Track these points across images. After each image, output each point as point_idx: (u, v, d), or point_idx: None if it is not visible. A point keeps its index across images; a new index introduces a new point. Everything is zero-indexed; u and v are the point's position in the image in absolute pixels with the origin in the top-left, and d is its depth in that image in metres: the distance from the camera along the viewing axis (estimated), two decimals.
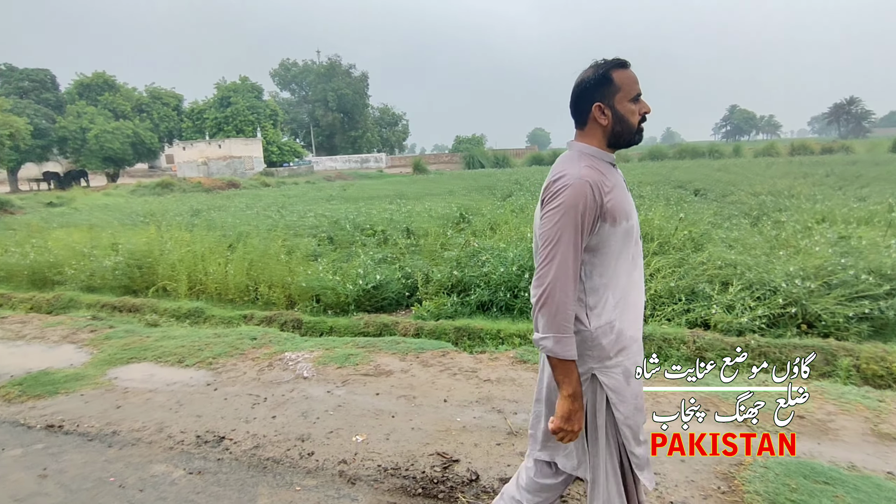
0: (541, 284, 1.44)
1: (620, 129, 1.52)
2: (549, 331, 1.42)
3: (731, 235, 7.49)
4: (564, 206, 1.41)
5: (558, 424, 1.47)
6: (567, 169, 1.47)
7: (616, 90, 1.49)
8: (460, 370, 3.58)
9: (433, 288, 6.37)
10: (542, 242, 1.45)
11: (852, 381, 3.86)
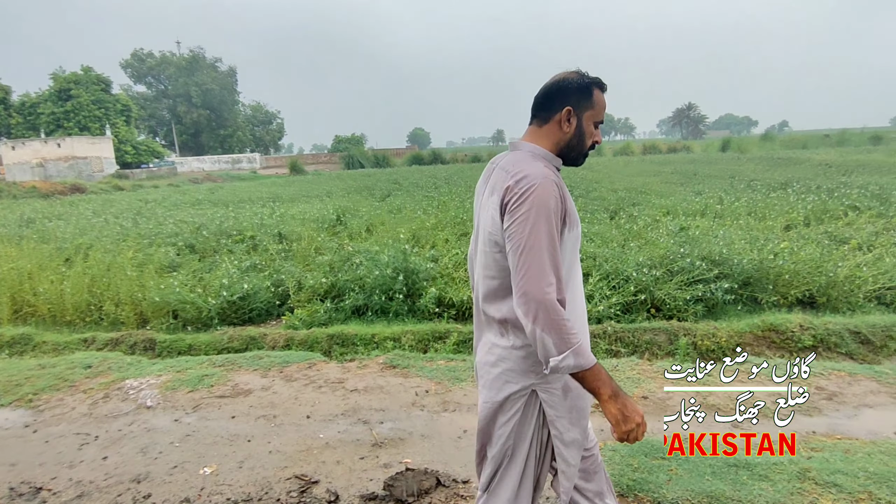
0: (530, 299, 1.28)
1: (576, 144, 1.47)
2: (565, 346, 1.26)
3: (593, 230, 8.04)
4: (536, 209, 1.30)
5: (621, 429, 1.34)
6: (526, 168, 1.36)
7: (590, 106, 1.45)
8: (326, 382, 3.41)
9: (306, 295, 6.08)
10: (518, 253, 1.30)
11: (690, 357, 4.30)
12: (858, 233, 7.19)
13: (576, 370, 1.28)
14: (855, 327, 4.50)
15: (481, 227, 1.47)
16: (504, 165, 1.42)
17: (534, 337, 1.28)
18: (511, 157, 1.44)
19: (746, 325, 4.73)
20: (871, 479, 2.12)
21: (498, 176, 1.41)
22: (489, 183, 1.46)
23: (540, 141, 1.46)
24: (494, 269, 1.42)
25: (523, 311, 1.28)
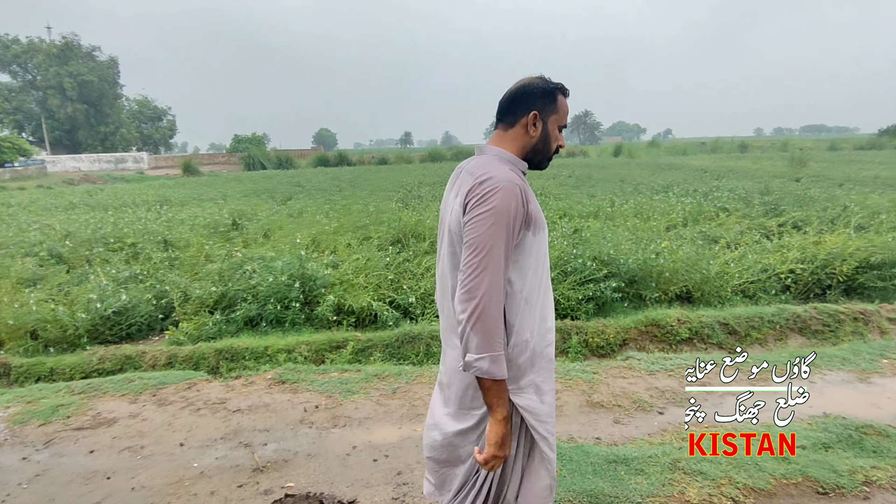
0: (472, 297, 1.27)
1: (542, 148, 1.47)
2: (485, 350, 1.27)
3: None
4: (496, 211, 1.28)
5: (493, 452, 1.32)
6: (492, 171, 1.34)
7: (554, 111, 1.46)
8: (206, 404, 3.13)
9: (193, 307, 5.63)
10: (470, 250, 1.29)
11: (582, 354, 4.47)
12: (727, 232, 7.92)
13: (486, 376, 1.28)
14: (724, 319, 4.91)
15: (447, 231, 1.44)
16: (470, 169, 1.41)
17: (462, 333, 1.28)
18: (477, 161, 1.44)
19: (632, 321, 5.01)
20: (732, 464, 2.28)
21: (464, 179, 1.40)
22: (455, 186, 1.45)
23: (506, 145, 1.46)
24: (459, 272, 1.39)
25: (462, 308, 1.28)
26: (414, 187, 16.56)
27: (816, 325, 5.03)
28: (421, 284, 5.80)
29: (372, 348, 4.49)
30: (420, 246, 7.27)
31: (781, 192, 11.93)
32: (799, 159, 23.56)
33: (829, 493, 2.13)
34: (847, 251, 6.45)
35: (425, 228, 8.00)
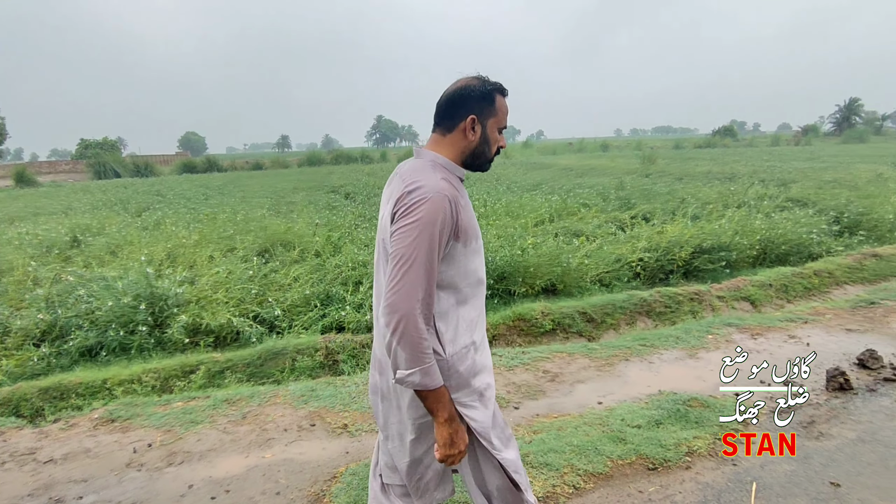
0: (395, 311, 1.23)
1: (481, 152, 1.44)
2: (414, 364, 1.25)
3: (368, 236, 8.06)
4: (422, 223, 1.24)
5: (444, 452, 1.34)
6: (422, 180, 1.30)
7: (493, 113, 1.42)
8: (12, 456, 2.65)
9: (15, 340, 4.86)
10: (394, 263, 1.26)
11: None
12: (587, 226, 8.51)
13: (420, 388, 1.28)
14: (583, 308, 5.21)
15: (380, 236, 1.41)
16: (403, 174, 1.38)
17: (389, 347, 1.26)
18: (411, 166, 1.40)
19: (500, 317, 5.14)
20: (575, 451, 2.38)
21: (396, 183, 1.37)
22: (388, 192, 1.42)
23: (443, 149, 1.42)
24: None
25: (385, 322, 1.25)
26: (287, 193, 15.88)
27: (660, 308, 5.52)
28: (288, 295, 5.50)
29: (230, 370, 4.15)
30: (288, 255, 6.93)
31: (633, 187, 13.14)
32: (649, 157, 26.17)
33: (658, 468, 2.30)
34: (684, 239, 7.22)
35: (294, 236, 7.65)
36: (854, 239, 8.42)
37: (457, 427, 1.35)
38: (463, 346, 1.40)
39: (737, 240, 7.36)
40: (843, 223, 8.98)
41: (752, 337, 3.97)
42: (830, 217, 9.07)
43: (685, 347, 3.78)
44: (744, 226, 7.88)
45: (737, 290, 6.00)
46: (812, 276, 6.55)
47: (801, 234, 7.74)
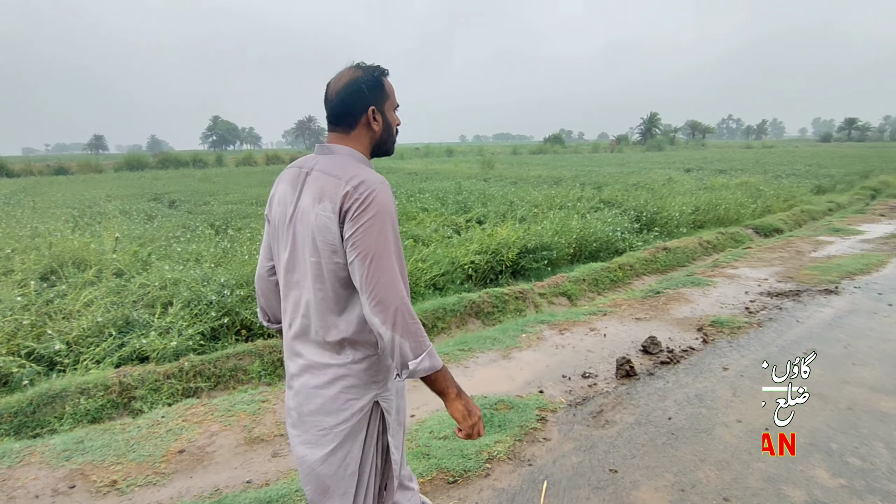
0: (387, 306, 1.23)
1: (387, 137, 1.45)
2: (420, 349, 1.25)
3: (190, 248, 7.29)
4: (381, 215, 1.26)
5: (467, 424, 1.33)
6: (361, 173, 1.29)
7: (387, 97, 1.42)
8: None
9: None
10: (368, 260, 1.23)
11: (270, 375, 4.16)
12: (424, 230, 8.63)
13: (430, 372, 1.27)
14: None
15: (308, 238, 1.31)
16: (326, 170, 1.32)
17: (392, 344, 1.23)
18: (332, 161, 1.35)
19: None
20: None
21: (324, 181, 1.30)
22: (307, 188, 1.34)
23: (353, 144, 1.40)
24: (330, 281, 1.32)
25: (381, 319, 1.23)
26: (98, 202, 13.83)
27: (488, 308, 5.73)
28: (76, 324, 4.68)
29: None
30: (81, 276, 5.94)
31: (471, 191, 13.75)
32: (488, 162, 27.73)
33: (458, 481, 2.30)
34: (511, 240, 7.65)
35: (92, 253, 6.60)
36: (650, 235, 9.68)
37: (466, 398, 1.35)
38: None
39: (556, 239, 8.01)
40: (642, 221, 10.28)
41: (560, 332, 4.28)
42: (632, 216, 10.34)
43: (500, 348, 3.94)
44: (563, 226, 8.61)
45: (556, 286, 6.49)
46: (617, 269, 7.35)
47: (608, 233, 8.68)
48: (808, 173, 19.92)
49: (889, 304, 4.73)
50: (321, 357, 1.37)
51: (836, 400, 3.02)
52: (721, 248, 8.75)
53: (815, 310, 4.63)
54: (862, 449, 2.54)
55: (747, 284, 5.56)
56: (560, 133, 76.07)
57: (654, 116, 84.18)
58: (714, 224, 11.07)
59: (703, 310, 4.73)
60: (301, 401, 1.40)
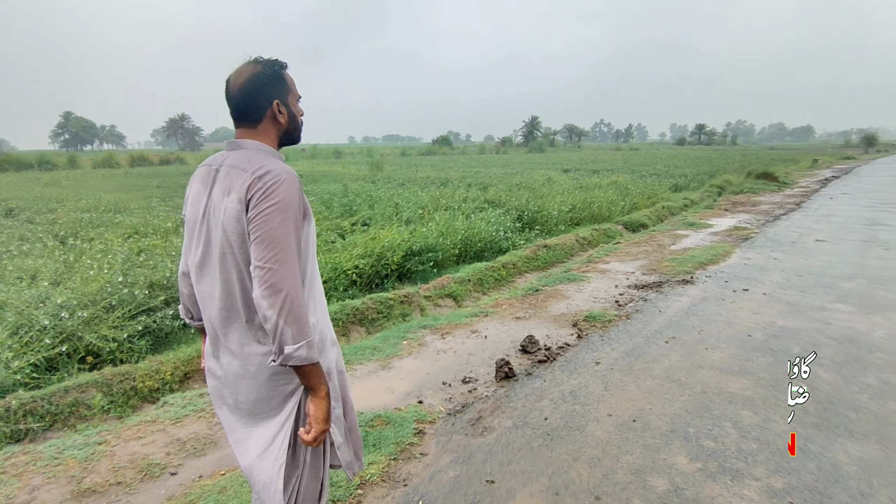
0: (278, 291, 1.25)
1: (293, 129, 1.49)
2: (301, 338, 1.27)
3: (26, 264, 6.27)
4: (283, 203, 1.27)
5: (322, 427, 1.34)
6: (268, 164, 1.33)
7: (289, 90, 1.46)
8: None
9: None
10: (265, 245, 1.25)
11: (119, 407, 3.65)
12: None
13: (305, 363, 1.29)
14: None
15: (219, 232, 1.34)
16: (236, 164, 1.35)
17: (275, 328, 1.25)
18: (241, 155, 1.38)
19: (195, 349, 4.45)
20: None
21: (233, 175, 1.33)
22: (218, 184, 1.36)
23: (260, 138, 1.43)
24: (243, 272, 1.34)
25: (269, 303, 1.24)
26: None
27: (373, 315, 5.53)
28: None
29: None
30: None
31: (358, 193, 13.42)
32: (377, 164, 27.42)
33: None
34: (396, 243, 7.51)
35: None
36: (532, 233, 10.05)
37: (332, 403, 1.42)
38: (314, 322, 1.42)
39: (442, 241, 8.01)
40: (524, 220, 10.65)
41: (442, 337, 4.21)
42: (515, 215, 10.68)
43: (380, 358, 3.77)
44: (448, 227, 8.65)
45: (442, 288, 6.46)
46: (501, 268, 7.51)
47: (491, 233, 8.87)
48: (667, 173, 22.03)
49: (734, 291, 5.26)
50: (246, 346, 1.40)
51: (692, 385, 3.24)
52: (595, 244, 9.31)
53: (674, 299, 5.02)
54: (714, 430, 2.72)
55: (617, 278, 5.91)
56: (448, 135, 77.55)
57: (535, 120, 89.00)
58: (589, 221, 11.79)
59: (578, 305, 4.92)
60: (234, 391, 1.44)
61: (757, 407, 2.95)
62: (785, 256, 6.84)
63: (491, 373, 3.49)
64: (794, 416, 2.80)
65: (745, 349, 3.78)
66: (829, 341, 3.94)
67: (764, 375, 3.35)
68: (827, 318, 4.45)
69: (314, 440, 1.34)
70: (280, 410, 1.41)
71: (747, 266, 6.33)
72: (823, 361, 3.57)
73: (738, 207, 12.19)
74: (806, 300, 4.94)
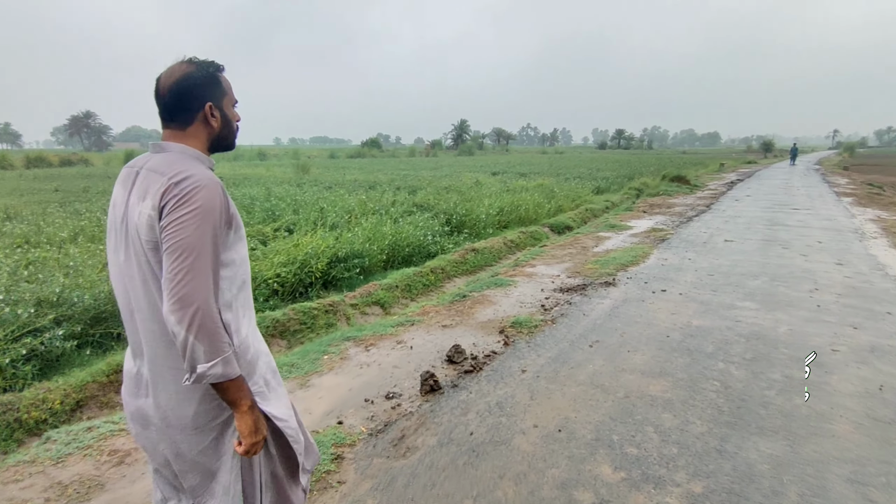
0: (188, 304, 1.18)
1: (226, 133, 1.44)
2: (215, 355, 1.21)
3: None
4: (202, 211, 1.21)
5: (250, 441, 1.32)
6: (188, 169, 1.26)
7: (224, 93, 1.41)
8: None
9: None
10: (176, 255, 1.18)
11: (16, 437, 3.16)
12: None
13: (222, 379, 1.24)
14: None
15: (135, 238, 1.27)
16: (155, 168, 1.28)
17: (184, 345, 1.18)
18: (162, 159, 1.31)
19: (89, 374, 4.00)
20: None
21: (150, 179, 1.27)
22: (136, 187, 1.29)
23: (189, 141, 1.37)
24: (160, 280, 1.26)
25: (177, 318, 1.17)
26: None
27: (295, 326, 5.24)
28: None
29: None
30: None
31: (282, 197, 12.87)
32: (303, 166, 26.62)
33: None
34: (321, 249, 7.22)
35: None
36: (461, 236, 10.03)
37: (258, 413, 1.34)
38: (245, 334, 1.40)
39: (368, 246, 7.79)
40: (452, 224, 10.62)
41: (366, 349, 4.02)
42: (443, 219, 10.63)
43: (298, 375, 3.53)
44: (375, 232, 8.43)
45: (368, 295, 6.25)
46: (430, 273, 7.40)
47: (419, 237, 8.75)
48: (590, 176, 22.89)
49: (653, 292, 5.44)
50: (173, 361, 1.31)
51: (615, 389, 3.26)
52: (523, 247, 9.42)
53: (597, 302, 5.11)
54: (637, 436, 2.73)
55: (543, 282, 5.96)
56: (377, 137, 76.86)
57: (464, 123, 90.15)
58: (517, 223, 11.96)
59: (504, 311, 4.89)
60: (164, 410, 1.34)
61: (676, 409, 3.01)
62: (698, 256, 7.20)
63: (416, 386, 3.35)
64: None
65: (664, 350, 3.88)
66: (739, 339, 4.13)
67: (682, 376, 3.43)
68: (736, 315, 4.68)
69: (247, 453, 1.33)
70: (223, 415, 1.37)
71: (664, 267, 6.59)
72: (734, 359, 3.73)
73: (655, 209, 12.81)
74: (717, 299, 5.18)
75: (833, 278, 6.01)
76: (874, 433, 2.78)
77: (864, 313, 4.76)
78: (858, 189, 17.89)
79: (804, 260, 6.97)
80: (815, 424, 2.86)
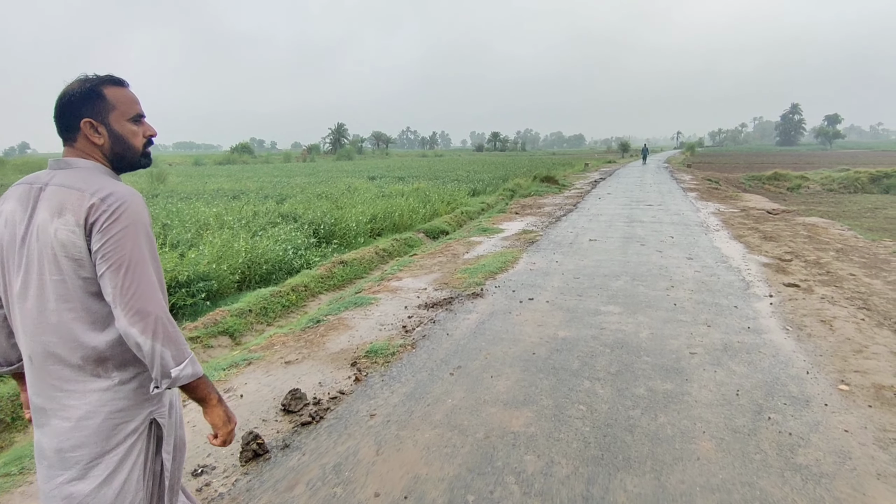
0: (147, 314, 1.21)
1: (121, 151, 1.37)
2: (182, 357, 1.26)
3: None
4: (133, 225, 1.23)
5: (226, 430, 1.36)
6: (108, 185, 1.25)
7: (111, 108, 1.34)
8: None
9: None
10: (123, 271, 1.19)
11: None
12: None
13: (192, 379, 1.28)
14: None
15: (46, 256, 1.22)
16: (66, 183, 1.25)
17: (152, 354, 1.21)
18: (73, 175, 1.28)
19: None
20: None
21: (63, 194, 1.23)
22: (43, 204, 1.24)
23: (87, 157, 1.33)
24: (80, 299, 1.24)
25: (140, 329, 1.20)
26: None
27: None
28: None
29: None
30: None
31: None
32: (159, 175, 23.99)
33: None
34: None
35: None
36: (329, 248, 9.32)
37: (225, 405, 1.37)
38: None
39: (217, 266, 6.84)
40: (320, 234, 9.86)
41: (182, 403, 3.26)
42: (311, 230, 9.83)
43: None
44: (227, 250, 7.46)
45: (215, 324, 5.38)
46: (290, 292, 6.64)
47: (279, 252, 7.92)
48: (467, 178, 23.12)
49: (520, 302, 5.21)
50: (78, 385, 1.26)
51: (475, 429, 2.85)
52: (396, 255, 8.93)
53: (462, 318, 4.74)
54: (496, 492, 2.33)
55: (408, 297, 5.50)
56: (250, 142, 72.43)
57: (342, 127, 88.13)
58: (391, 231, 11.48)
59: (361, 336, 4.34)
60: (61, 439, 1.26)
61: (540, 448, 2.67)
62: (564, 258, 7.21)
63: (236, 453, 2.68)
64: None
65: (529, 371, 3.58)
66: (604, 349, 3.97)
67: (546, 403, 3.13)
68: (601, 322, 4.57)
69: (224, 443, 1.37)
70: (120, 448, 1.30)
71: (533, 272, 6.47)
72: (600, 374, 3.52)
73: (527, 210, 13.03)
74: (583, 304, 5.08)
75: (685, 274, 6.26)
76: (734, 448, 2.65)
77: (714, 309, 4.90)
78: (700, 185, 19.88)
79: (660, 256, 7.25)
80: (680, 447, 2.67)
